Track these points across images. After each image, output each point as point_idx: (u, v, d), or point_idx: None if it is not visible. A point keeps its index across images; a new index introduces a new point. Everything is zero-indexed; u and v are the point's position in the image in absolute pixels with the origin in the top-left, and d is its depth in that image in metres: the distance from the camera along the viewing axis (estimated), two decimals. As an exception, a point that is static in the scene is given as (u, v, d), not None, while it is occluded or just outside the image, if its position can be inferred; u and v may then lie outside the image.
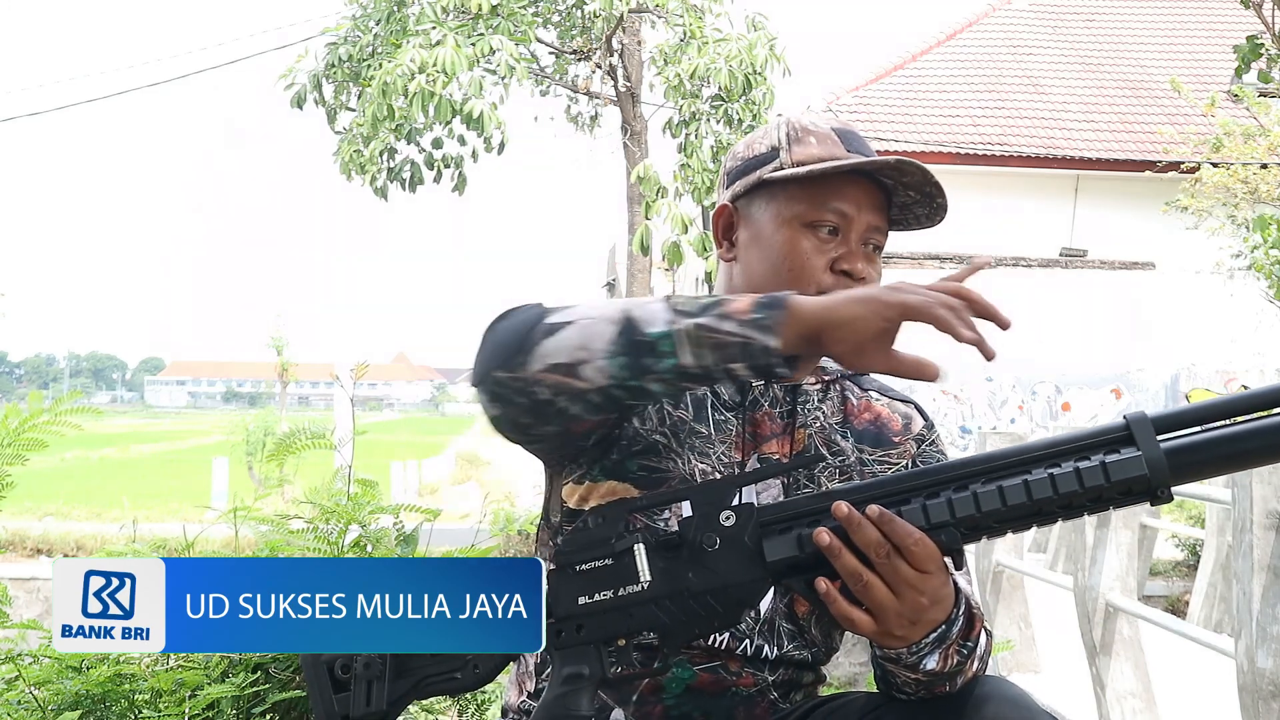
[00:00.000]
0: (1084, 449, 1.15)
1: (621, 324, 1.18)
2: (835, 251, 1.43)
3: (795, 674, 1.44)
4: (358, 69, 10.63)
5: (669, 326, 1.16)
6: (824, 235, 1.43)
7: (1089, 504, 1.14)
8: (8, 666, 2.26)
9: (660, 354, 1.16)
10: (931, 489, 1.17)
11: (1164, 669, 5.06)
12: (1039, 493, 1.14)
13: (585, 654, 1.18)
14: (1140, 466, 1.12)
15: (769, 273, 1.44)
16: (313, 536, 2.56)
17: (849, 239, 1.44)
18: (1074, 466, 1.13)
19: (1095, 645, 4.45)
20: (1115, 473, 1.12)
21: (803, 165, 1.44)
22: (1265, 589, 3.17)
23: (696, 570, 1.17)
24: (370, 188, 10.59)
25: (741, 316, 1.15)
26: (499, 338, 1.23)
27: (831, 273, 1.42)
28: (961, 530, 1.16)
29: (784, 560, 1.17)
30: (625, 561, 1.18)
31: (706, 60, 9.90)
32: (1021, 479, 1.15)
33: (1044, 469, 1.15)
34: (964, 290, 1.18)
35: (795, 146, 1.46)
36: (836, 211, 1.43)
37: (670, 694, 1.38)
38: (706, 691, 1.39)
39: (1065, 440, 1.16)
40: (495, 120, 9.85)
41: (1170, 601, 9.35)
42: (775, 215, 1.45)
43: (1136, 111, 17.15)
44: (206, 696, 2.18)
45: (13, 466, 2.40)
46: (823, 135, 1.47)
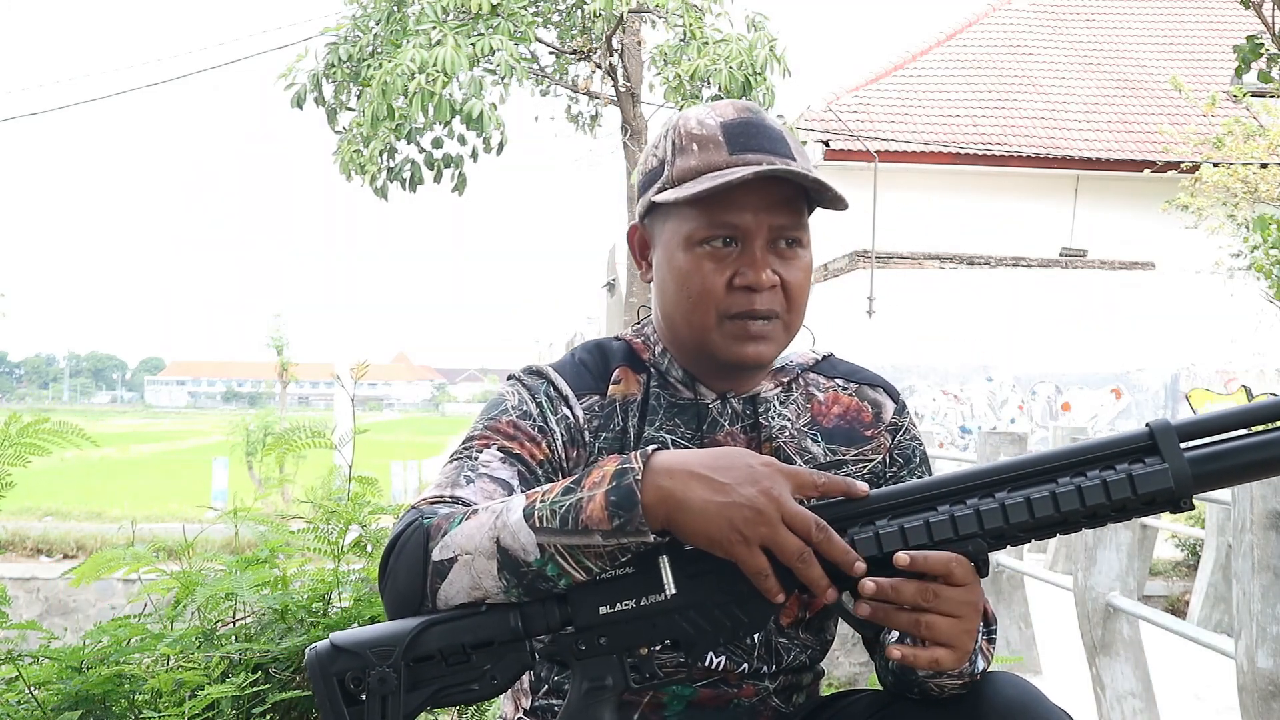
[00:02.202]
0: (1109, 458, 1.14)
1: (499, 558, 1.15)
2: (734, 266, 1.36)
3: (795, 678, 1.43)
4: (358, 69, 10.62)
5: (544, 552, 1.14)
6: (721, 247, 1.36)
7: (1113, 514, 1.14)
8: (8, 666, 2.26)
9: (550, 577, 1.15)
10: (958, 496, 1.16)
11: (1164, 669, 5.06)
12: (1066, 504, 1.13)
13: (608, 664, 1.17)
14: (1166, 479, 1.11)
15: (675, 298, 1.40)
16: (313, 537, 2.56)
17: (751, 247, 1.36)
18: (1100, 478, 1.13)
19: (1095, 645, 4.45)
20: (1142, 485, 1.12)
21: (682, 183, 1.37)
22: (1265, 589, 3.17)
23: (720, 580, 1.16)
24: (370, 188, 10.58)
25: (603, 526, 1.12)
26: (398, 586, 1.19)
27: (731, 290, 1.36)
28: (987, 540, 1.15)
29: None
30: (649, 571, 1.16)
31: (707, 61, 9.89)
32: (1049, 490, 1.14)
33: (1070, 479, 1.14)
34: (824, 544, 1.13)
35: (678, 159, 1.38)
36: (728, 225, 1.36)
37: (672, 711, 1.37)
38: (709, 706, 1.38)
39: (1090, 449, 1.15)
40: (495, 120, 9.84)
41: (1170, 601, 9.35)
42: (671, 237, 1.40)
43: (1136, 111, 17.15)
44: (206, 697, 2.18)
45: (13, 466, 2.40)
46: (705, 139, 1.38)
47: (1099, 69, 18.31)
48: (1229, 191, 11.22)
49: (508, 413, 1.39)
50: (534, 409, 1.39)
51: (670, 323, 1.43)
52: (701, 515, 1.11)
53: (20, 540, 12.95)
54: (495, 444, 1.35)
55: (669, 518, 1.12)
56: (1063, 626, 6.07)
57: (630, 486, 1.12)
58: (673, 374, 1.45)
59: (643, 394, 1.44)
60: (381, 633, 1.16)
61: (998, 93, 17.70)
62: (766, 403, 1.45)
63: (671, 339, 1.45)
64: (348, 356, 16.65)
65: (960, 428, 13.69)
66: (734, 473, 1.13)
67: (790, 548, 1.11)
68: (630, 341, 1.48)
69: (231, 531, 2.75)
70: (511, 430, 1.37)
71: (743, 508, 1.10)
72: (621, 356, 1.46)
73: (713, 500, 1.11)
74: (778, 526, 1.11)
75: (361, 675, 1.15)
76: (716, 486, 1.12)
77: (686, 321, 1.39)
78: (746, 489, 1.11)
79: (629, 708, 1.37)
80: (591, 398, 1.42)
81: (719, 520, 1.11)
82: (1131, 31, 19.31)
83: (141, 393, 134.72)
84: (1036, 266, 14.46)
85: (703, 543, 1.12)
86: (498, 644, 1.16)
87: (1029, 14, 19.59)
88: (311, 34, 11.44)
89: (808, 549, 1.12)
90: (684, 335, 1.41)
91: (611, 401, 1.43)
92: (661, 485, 1.12)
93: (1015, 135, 16.74)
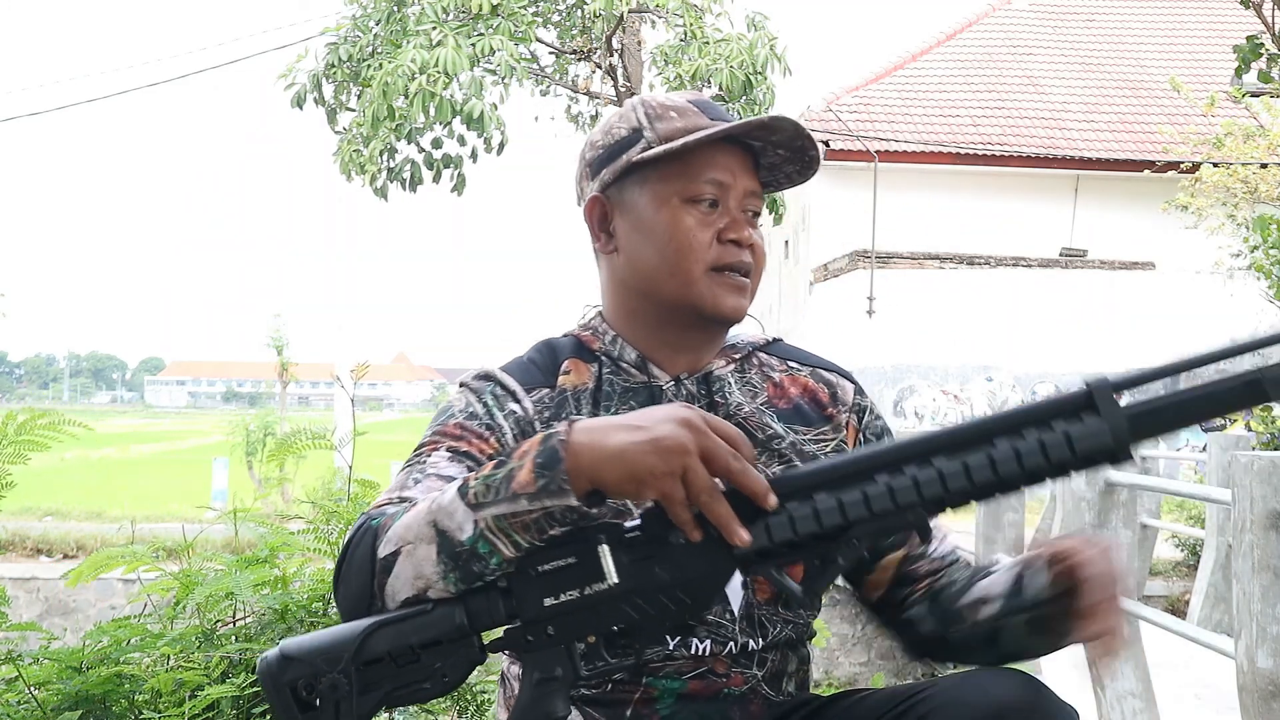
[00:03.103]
0: (1045, 417, 1.13)
1: (437, 541, 1.16)
2: (720, 223, 1.41)
3: (781, 661, 1.43)
4: (358, 69, 10.62)
5: (476, 528, 1.15)
6: (704, 209, 1.41)
7: (1053, 474, 1.13)
8: (8, 666, 2.26)
9: (483, 556, 1.15)
10: (895, 466, 1.15)
11: (1164, 669, 5.06)
12: (1004, 467, 1.12)
13: (557, 655, 1.17)
14: (1104, 435, 1.11)
15: (655, 256, 1.42)
16: (313, 537, 2.56)
17: (729, 207, 1.42)
18: (1038, 439, 1.12)
19: (1095, 645, 4.45)
20: (1080, 443, 1.11)
21: (670, 140, 1.41)
22: (1265, 589, 3.17)
23: (663, 564, 1.16)
24: (370, 188, 10.59)
25: (529, 490, 1.13)
26: (350, 589, 1.21)
27: (719, 243, 1.41)
28: (927, 508, 1.15)
29: (752, 548, 1.15)
30: (591, 560, 1.16)
31: (707, 60, 9.90)
32: (986, 454, 1.13)
33: (1008, 442, 1.13)
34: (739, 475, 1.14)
35: (658, 124, 1.43)
36: (713, 182, 1.41)
37: (664, 705, 1.38)
38: (699, 698, 1.38)
39: (1025, 410, 1.14)
40: (495, 120, 9.85)
41: (1170, 601, 9.34)
42: (652, 197, 1.42)
43: (1136, 111, 17.16)
44: (206, 697, 2.18)
45: (13, 466, 2.41)
46: (682, 108, 1.44)
47: (1099, 69, 18.32)
48: (1229, 191, 11.23)
49: (454, 416, 1.41)
50: (480, 409, 1.41)
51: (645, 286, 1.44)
52: (620, 457, 1.12)
53: (20, 540, 12.95)
54: (443, 446, 1.37)
55: (593, 469, 1.13)
56: (1063, 626, 6.07)
57: (554, 447, 1.14)
58: (625, 358, 1.46)
59: (595, 382, 1.45)
60: (330, 638, 1.18)
61: (998, 93, 17.71)
62: (721, 380, 1.47)
63: (633, 311, 1.46)
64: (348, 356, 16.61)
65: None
66: (654, 415, 1.15)
67: (701, 480, 1.12)
68: (579, 335, 1.50)
69: (231, 531, 2.76)
70: (458, 431, 1.39)
71: (660, 440, 1.12)
72: (570, 350, 1.48)
73: (631, 440, 1.12)
74: (694, 456, 1.12)
75: (313, 682, 1.16)
76: (635, 429, 1.13)
77: (671, 275, 1.41)
78: (664, 426, 1.13)
79: (620, 705, 1.37)
80: (541, 391, 1.44)
81: (637, 456, 1.12)
82: (1131, 31, 19.32)
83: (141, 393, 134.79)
84: (1036, 266, 14.47)
85: (629, 488, 1.13)
86: (445, 642, 1.17)
87: (1029, 14, 19.60)
88: (311, 34, 11.46)
89: (716, 486, 1.13)
90: (666, 293, 1.42)
91: (561, 392, 1.44)
92: (583, 440, 1.14)
93: (1015, 135, 16.75)
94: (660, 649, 1.36)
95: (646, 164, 1.42)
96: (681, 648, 1.37)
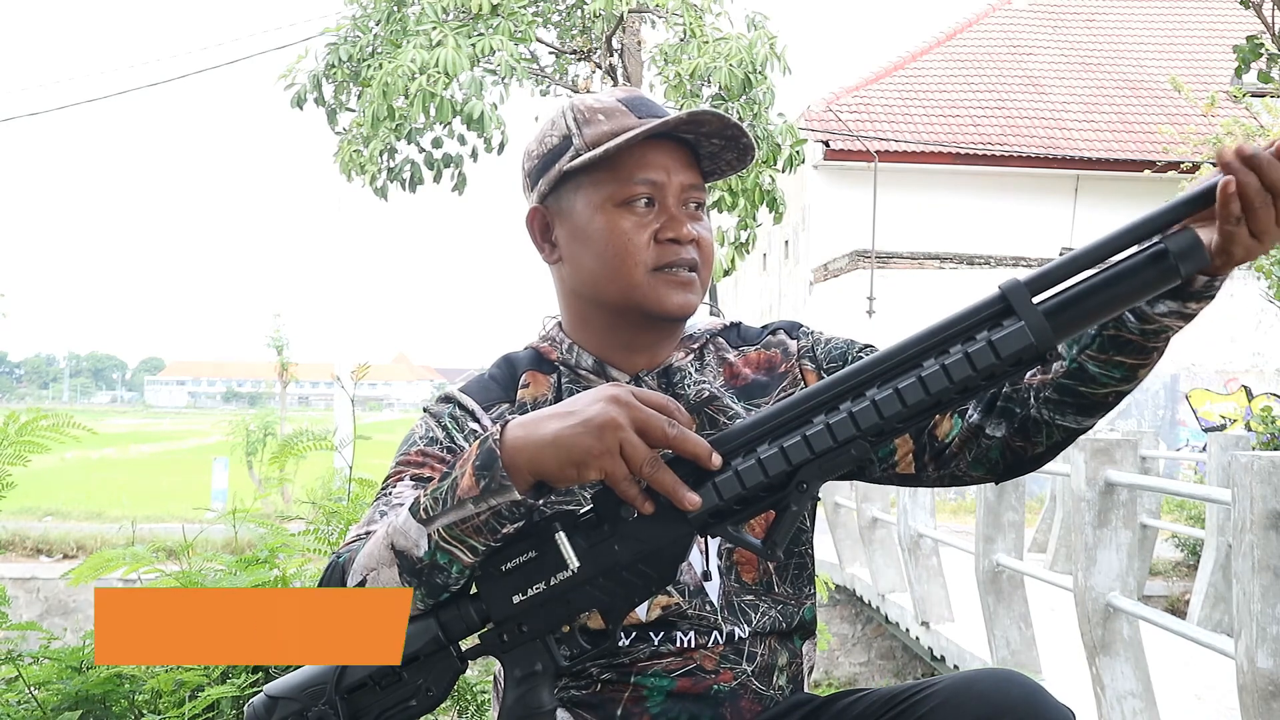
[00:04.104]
0: (967, 329, 1.13)
1: (397, 562, 1.18)
2: (656, 222, 1.40)
3: (770, 654, 1.42)
4: (358, 69, 10.62)
5: (430, 541, 1.16)
6: (641, 209, 1.40)
7: (984, 383, 1.14)
8: (8, 666, 2.27)
9: (443, 568, 1.17)
10: (830, 404, 1.16)
11: (1164, 669, 5.06)
12: (935, 385, 1.13)
13: (534, 650, 1.19)
14: (1025, 336, 1.11)
15: (596, 262, 1.41)
16: (313, 537, 2.56)
17: (667, 205, 1.41)
18: (963, 351, 1.12)
19: (1095, 645, 4.45)
20: (1003, 347, 1.11)
21: (598, 145, 1.40)
22: (1265, 589, 3.17)
23: (621, 542, 1.17)
24: (370, 188, 10.59)
25: (473, 493, 1.15)
26: None
27: (657, 244, 1.40)
28: (869, 440, 1.16)
29: (705, 510, 1.16)
30: (550, 551, 1.17)
31: (707, 59, 9.89)
32: (915, 376, 1.13)
33: (934, 360, 1.13)
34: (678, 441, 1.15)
35: (586, 129, 1.42)
36: (646, 182, 1.40)
37: (654, 704, 1.38)
38: (688, 695, 1.38)
39: (946, 324, 1.15)
40: (495, 120, 9.85)
41: (1170, 601, 9.35)
42: (587, 203, 1.42)
43: (1136, 111, 17.16)
44: (207, 697, 2.18)
45: (13, 466, 2.41)
46: (610, 109, 1.43)
47: (1099, 69, 18.32)
48: (1229, 191, 11.21)
49: (415, 444, 1.42)
50: (440, 433, 1.42)
51: (591, 292, 1.44)
52: (554, 443, 1.13)
53: (20, 540, 12.96)
54: (407, 475, 1.38)
55: (531, 461, 1.14)
56: (1063, 626, 6.08)
57: (490, 448, 1.15)
58: (582, 365, 1.46)
59: (554, 392, 1.46)
60: (311, 673, 1.20)
61: (998, 93, 17.71)
62: (681, 372, 1.47)
63: (585, 318, 1.47)
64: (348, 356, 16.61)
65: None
66: (583, 399, 1.16)
67: (640, 452, 1.13)
68: (537, 347, 1.50)
69: (231, 532, 2.76)
70: (420, 458, 1.40)
71: (591, 421, 1.13)
72: (528, 363, 1.49)
73: (563, 426, 1.14)
74: (628, 430, 1.13)
75: (303, 713, 1.18)
76: (566, 415, 1.15)
77: (612, 281, 1.41)
78: (594, 406, 1.14)
79: (610, 704, 1.37)
80: (500, 407, 1.45)
81: (571, 439, 1.13)
82: (1131, 31, 19.32)
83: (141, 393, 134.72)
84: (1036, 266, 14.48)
85: (570, 472, 1.14)
86: (424, 657, 1.19)
87: (1029, 14, 19.61)
88: (311, 34, 11.46)
89: (654, 455, 1.14)
90: (610, 299, 1.42)
91: (521, 405, 1.45)
92: (516, 436, 1.15)
93: (1015, 135, 16.75)
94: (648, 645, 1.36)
95: (578, 171, 1.42)
96: (667, 642, 1.37)
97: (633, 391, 1.16)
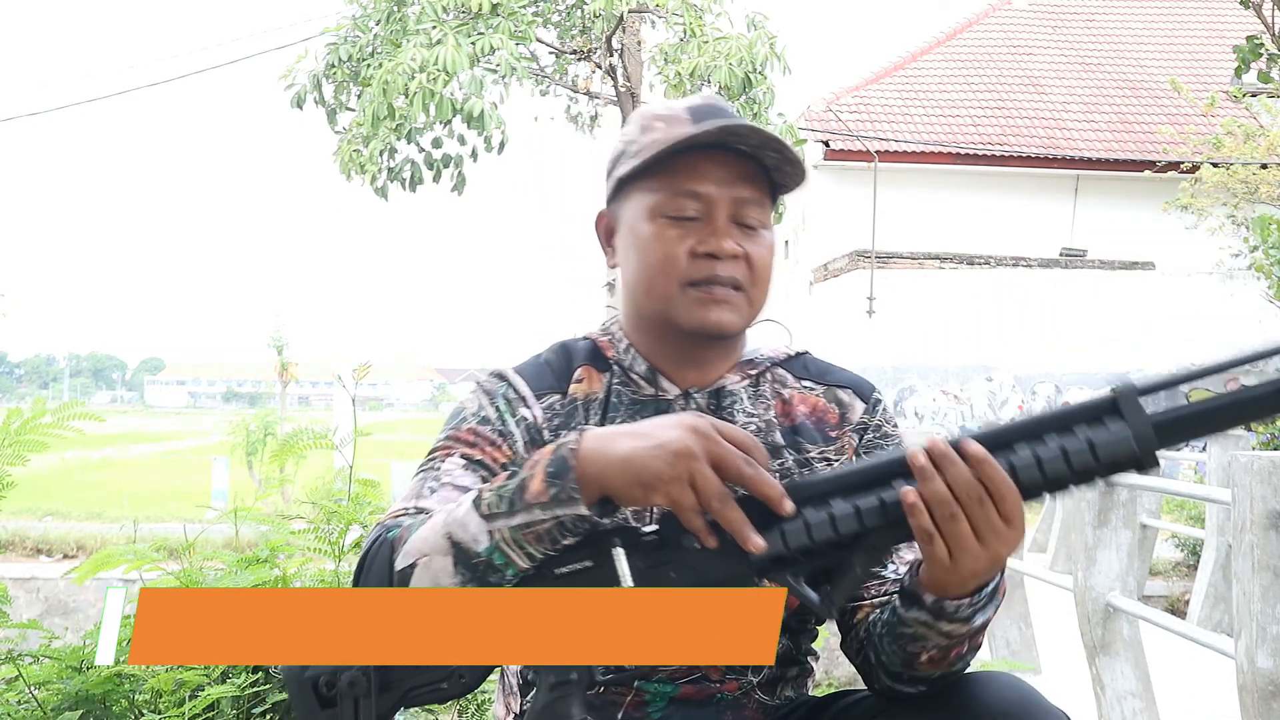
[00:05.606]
0: (1069, 423, 1.11)
1: (453, 553, 1.17)
2: (697, 236, 1.36)
3: (780, 670, 1.43)
4: (358, 69, 10.62)
5: (491, 539, 1.16)
6: (686, 221, 1.37)
7: (1076, 480, 1.11)
8: (8, 666, 2.27)
9: (499, 567, 1.16)
10: (907, 474, 1.13)
11: (1164, 669, 5.06)
12: (1025, 474, 1.11)
13: None
14: (1128, 442, 1.08)
15: (639, 271, 1.40)
16: (314, 537, 2.56)
17: (714, 219, 1.37)
18: (1060, 445, 1.10)
19: (1095, 645, 4.45)
20: (1103, 450, 1.09)
21: (648, 154, 1.37)
22: (1265, 589, 3.17)
23: (678, 570, 1.16)
24: (370, 187, 10.59)
25: (542, 499, 1.14)
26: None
27: (693, 257, 1.37)
28: None
29: (766, 555, 1.14)
30: (606, 565, 1.16)
31: (707, 59, 9.89)
32: (1007, 459, 1.11)
33: (1029, 448, 1.11)
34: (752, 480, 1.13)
35: (643, 137, 1.40)
36: (692, 194, 1.36)
37: (656, 709, 1.38)
38: (692, 702, 1.38)
39: (1049, 416, 1.12)
40: (495, 120, 9.85)
41: (1170, 601, 9.34)
42: (638, 211, 1.40)
43: (1136, 111, 17.16)
44: (207, 697, 2.18)
45: (13, 466, 2.41)
46: (672, 116, 1.39)
47: (1099, 69, 18.32)
48: (1229, 192, 11.23)
49: (467, 420, 1.40)
50: (493, 414, 1.40)
51: (633, 300, 1.43)
52: (627, 463, 1.12)
53: (20, 540, 12.96)
54: (457, 452, 1.37)
55: (600, 475, 1.13)
56: (1063, 626, 6.07)
57: (564, 456, 1.15)
58: (636, 370, 1.44)
59: (605, 392, 1.44)
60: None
61: (998, 93, 17.71)
62: (733, 396, 1.44)
63: (638, 325, 1.45)
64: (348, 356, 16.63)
65: (960, 428, 13.67)
66: (662, 422, 1.15)
67: (711, 486, 1.12)
68: (596, 340, 1.48)
69: (232, 531, 2.76)
70: (471, 437, 1.38)
71: (666, 446, 1.12)
72: (585, 355, 1.47)
73: (638, 447, 1.13)
74: (702, 462, 1.11)
75: (334, 679, 1.18)
76: (643, 436, 1.14)
77: (648, 291, 1.39)
78: (672, 432, 1.13)
79: (612, 707, 1.37)
80: (552, 397, 1.43)
81: (643, 461, 1.12)
82: (1131, 31, 19.32)
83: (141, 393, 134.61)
84: (1036, 266, 14.47)
85: (636, 493, 1.13)
86: None
87: (1029, 14, 19.61)
88: (311, 34, 11.46)
89: (727, 492, 1.12)
90: (648, 309, 1.41)
91: (573, 400, 1.43)
92: (591, 448, 1.14)
93: (1015, 135, 16.75)
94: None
95: (632, 178, 1.40)
96: None
97: (714, 424, 1.14)
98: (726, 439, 1.14)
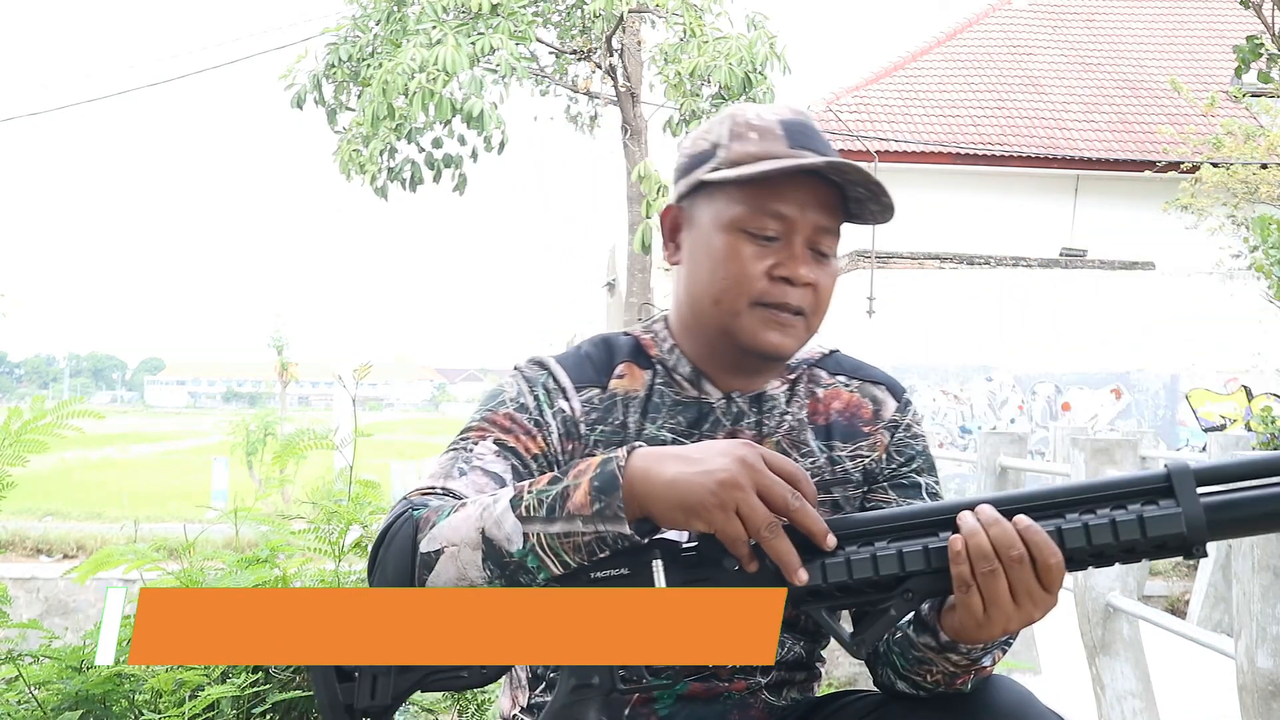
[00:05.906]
0: (1121, 497, 1.10)
1: (484, 548, 1.16)
2: (775, 257, 1.36)
3: (788, 673, 1.43)
4: (358, 69, 10.63)
5: (526, 542, 1.15)
6: (765, 240, 1.36)
7: (1121, 555, 1.11)
8: (8, 666, 2.26)
9: (531, 570, 1.16)
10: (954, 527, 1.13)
11: (1164, 669, 5.06)
12: (1071, 540, 1.10)
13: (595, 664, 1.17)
14: (1179, 524, 1.07)
15: (707, 279, 1.38)
16: (314, 537, 2.56)
17: (792, 243, 1.36)
18: (1110, 517, 1.09)
19: (1095, 645, 4.45)
20: (1152, 528, 1.08)
21: (738, 165, 1.36)
22: (1265, 589, 3.17)
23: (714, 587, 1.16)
24: (370, 187, 10.59)
25: (585, 512, 1.13)
26: (387, 576, 1.21)
27: (769, 279, 1.36)
28: None
29: (805, 588, 1.14)
30: (643, 574, 1.16)
31: (707, 58, 9.89)
32: (1055, 525, 1.11)
33: (1078, 515, 1.11)
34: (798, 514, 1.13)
35: (735, 143, 1.38)
36: (776, 215, 1.35)
37: (663, 705, 1.38)
38: (699, 699, 1.38)
39: (1102, 485, 1.12)
40: (495, 120, 9.85)
41: (1170, 601, 9.34)
42: (714, 218, 1.38)
43: (1136, 111, 17.15)
44: (207, 697, 2.18)
45: (13, 467, 2.41)
46: (766, 130, 1.38)
47: (1099, 69, 18.31)
48: (1229, 192, 11.23)
49: (505, 405, 1.39)
50: (531, 401, 1.39)
51: (695, 306, 1.41)
52: (673, 486, 1.12)
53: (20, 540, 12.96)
54: (491, 436, 1.36)
55: (645, 495, 1.13)
56: (1063, 626, 6.07)
57: (613, 471, 1.14)
58: (679, 370, 1.44)
59: (646, 390, 1.43)
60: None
61: (998, 93, 17.70)
62: (772, 400, 1.44)
63: (690, 327, 1.44)
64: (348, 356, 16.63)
65: (960, 428, 13.69)
66: (710, 449, 1.15)
67: (759, 515, 1.11)
68: (639, 337, 1.47)
69: (232, 531, 2.76)
70: (508, 423, 1.37)
71: (715, 473, 1.11)
72: (627, 351, 1.46)
73: (686, 471, 1.12)
74: (749, 492, 1.11)
75: None
76: (691, 461, 1.13)
77: (716, 303, 1.38)
78: (720, 459, 1.12)
79: (618, 704, 1.36)
80: (591, 390, 1.42)
81: (692, 487, 1.11)
82: (1131, 31, 19.31)
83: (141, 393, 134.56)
84: (1036, 266, 14.46)
85: (677, 517, 1.12)
86: None
87: (1029, 14, 19.60)
88: (311, 34, 11.46)
89: (776, 521, 1.12)
90: (709, 318, 1.39)
91: (612, 395, 1.42)
92: (640, 466, 1.14)
93: (1015, 135, 16.75)
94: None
95: (715, 183, 1.38)
96: None
97: (763, 454, 1.14)
98: (774, 470, 1.13)
